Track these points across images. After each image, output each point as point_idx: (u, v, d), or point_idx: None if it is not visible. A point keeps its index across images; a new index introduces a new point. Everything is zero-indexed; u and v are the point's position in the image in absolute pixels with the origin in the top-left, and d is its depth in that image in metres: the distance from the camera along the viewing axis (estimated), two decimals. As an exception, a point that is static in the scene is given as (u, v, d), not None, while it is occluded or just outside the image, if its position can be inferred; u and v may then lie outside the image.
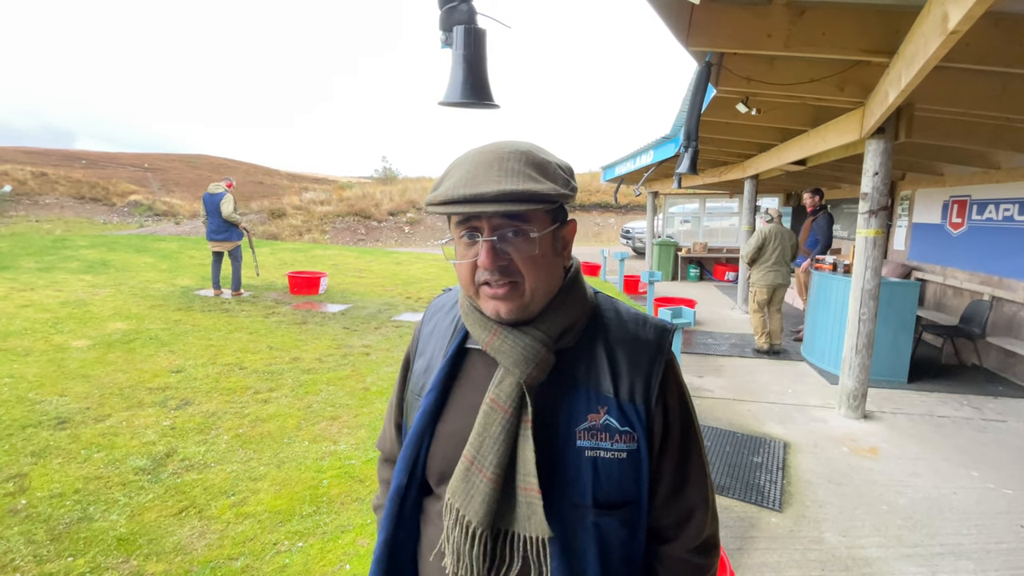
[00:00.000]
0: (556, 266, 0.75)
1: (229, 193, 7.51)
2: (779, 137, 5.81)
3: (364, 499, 2.77)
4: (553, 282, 0.75)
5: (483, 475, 0.70)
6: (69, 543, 2.35)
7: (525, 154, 0.70)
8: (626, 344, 0.77)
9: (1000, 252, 5.35)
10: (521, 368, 0.71)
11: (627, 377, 0.74)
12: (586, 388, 0.74)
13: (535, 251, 0.71)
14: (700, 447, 0.81)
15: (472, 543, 0.71)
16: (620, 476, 0.72)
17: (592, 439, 0.71)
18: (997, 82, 3.26)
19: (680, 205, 12.62)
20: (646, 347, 0.77)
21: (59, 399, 3.89)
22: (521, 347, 0.71)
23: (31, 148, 33.78)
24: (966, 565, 2.39)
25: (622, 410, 0.73)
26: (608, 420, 0.72)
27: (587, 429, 0.72)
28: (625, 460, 0.72)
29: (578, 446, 0.71)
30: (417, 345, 0.89)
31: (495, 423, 0.71)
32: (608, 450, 0.71)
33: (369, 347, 5.54)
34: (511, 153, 0.69)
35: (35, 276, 8.31)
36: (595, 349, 0.76)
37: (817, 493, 2.94)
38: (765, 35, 2.95)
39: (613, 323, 0.79)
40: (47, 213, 22.49)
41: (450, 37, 1.41)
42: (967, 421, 4.01)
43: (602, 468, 0.71)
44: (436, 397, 0.79)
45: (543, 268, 0.72)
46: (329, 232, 20.17)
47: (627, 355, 0.76)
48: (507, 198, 0.65)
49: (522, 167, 0.68)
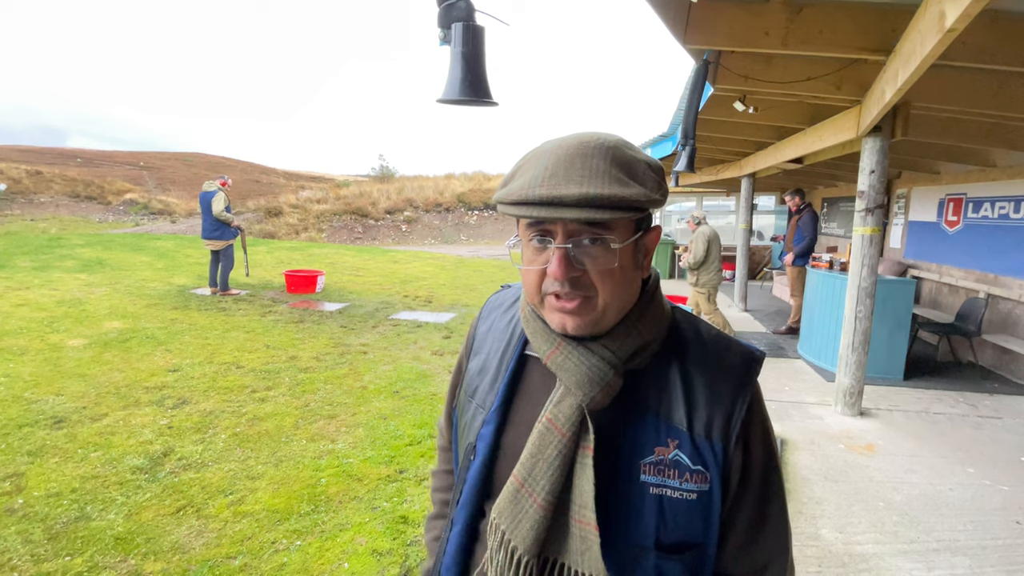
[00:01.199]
0: (635, 280, 0.67)
1: (221, 191, 7.46)
2: (776, 135, 5.82)
3: (362, 498, 2.77)
4: (629, 297, 0.66)
5: (534, 500, 0.64)
6: (67, 542, 2.34)
7: (612, 150, 0.61)
8: (707, 371, 0.67)
9: (995, 250, 5.37)
10: (584, 390, 0.64)
11: (705, 409, 0.66)
12: (655, 417, 0.66)
13: (614, 263, 0.62)
14: (781, 493, 0.71)
15: (516, 570, 0.65)
16: (688, 518, 0.64)
17: (659, 475, 0.64)
18: (993, 80, 3.27)
19: (678, 203, 12.64)
20: (729, 376, 0.68)
21: (55, 398, 3.88)
22: (587, 367, 0.64)
23: (26, 147, 33.60)
24: (962, 561, 2.40)
25: (696, 446, 0.65)
26: (679, 456, 0.64)
27: (654, 463, 0.64)
28: (695, 501, 0.64)
29: (642, 481, 0.64)
30: (472, 343, 0.83)
31: (550, 446, 0.64)
32: (676, 489, 0.64)
33: (367, 346, 5.53)
34: (596, 148, 0.61)
35: (30, 275, 8.27)
36: (670, 374, 0.67)
37: (814, 490, 2.95)
38: (763, 33, 2.95)
39: (692, 345, 0.69)
40: (42, 212, 22.36)
41: (448, 34, 1.41)
42: (963, 418, 4.03)
43: (668, 508, 0.64)
44: (503, 412, 0.73)
45: (621, 282, 0.64)
46: (326, 230, 20.12)
47: (706, 384, 0.67)
48: (591, 203, 0.57)
49: (608, 166, 0.60)
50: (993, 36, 2.65)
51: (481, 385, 0.77)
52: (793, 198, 6.48)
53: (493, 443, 0.73)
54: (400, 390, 4.30)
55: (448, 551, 0.76)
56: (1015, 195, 5.13)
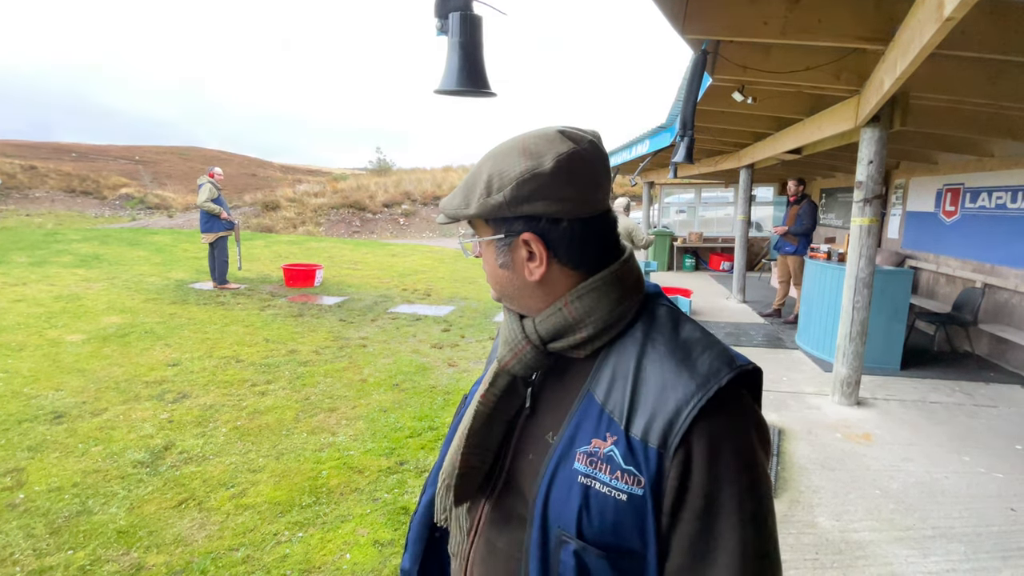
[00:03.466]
0: (508, 277, 0.71)
1: (208, 183, 7.40)
2: (775, 126, 5.80)
3: (363, 489, 2.78)
4: (509, 287, 0.73)
5: (459, 432, 0.74)
6: (69, 536, 2.35)
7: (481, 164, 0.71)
8: (663, 370, 0.64)
9: (993, 240, 5.38)
10: (502, 349, 0.73)
11: (647, 410, 0.62)
12: (600, 409, 0.66)
13: (486, 257, 0.74)
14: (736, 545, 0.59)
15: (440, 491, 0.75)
16: (616, 517, 0.62)
17: (590, 466, 0.64)
18: (992, 70, 3.26)
19: (676, 195, 12.62)
20: (686, 379, 0.62)
21: (55, 393, 3.88)
22: (508, 331, 0.73)
23: (20, 141, 33.36)
24: (957, 548, 2.43)
25: (630, 446, 0.62)
26: (613, 452, 0.63)
27: (587, 453, 0.65)
28: (625, 503, 0.62)
29: (574, 468, 0.65)
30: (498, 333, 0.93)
31: (478, 394, 0.74)
32: (605, 484, 0.63)
33: (366, 339, 5.54)
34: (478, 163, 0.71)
35: (27, 271, 8.24)
36: (623, 367, 0.66)
37: (811, 478, 2.98)
38: (761, 23, 2.94)
39: (659, 342, 0.67)
40: (38, 207, 22.25)
41: (445, 24, 1.40)
42: (959, 407, 4.06)
43: (593, 501, 0.63)
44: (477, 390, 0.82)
45: (492, 274, 0.74)
46: (324, 224, 20.06)
47: (658, 383, 0.63)
48: (440, 209, 0.73)
49: (466, 179, 0.71)
50: (991, 25, 2.64)
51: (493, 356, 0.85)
52: (798, 186, 6.51)
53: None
54: (400, 383, 4.31)
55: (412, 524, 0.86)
56: (1012, 185, 5.13)
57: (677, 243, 11.58)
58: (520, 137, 0.69)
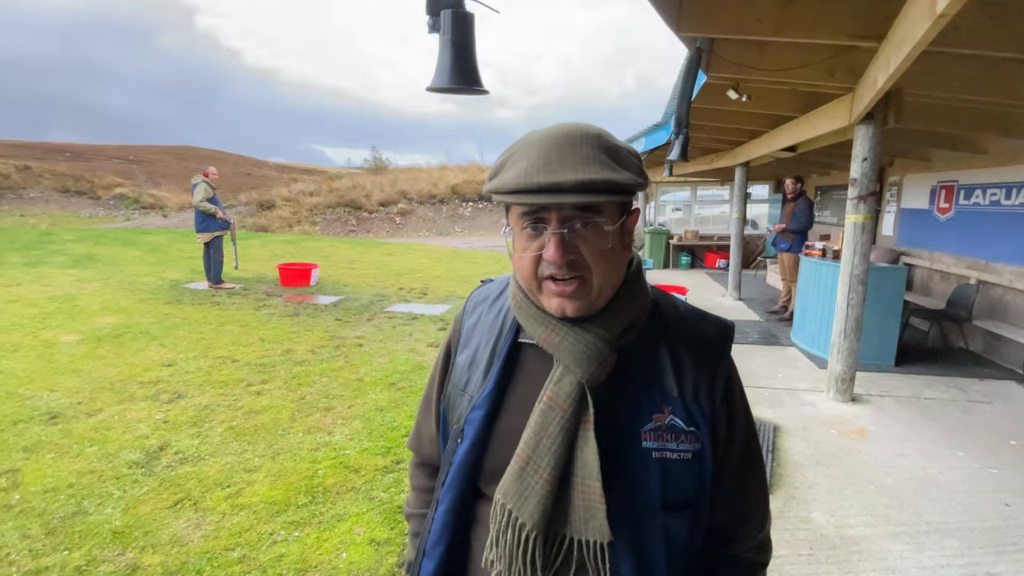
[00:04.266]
0: (623, 259, 0.71)
1: (203, 182, 7.38)
2: (770, 124, 5.81)
3: (359, 489, 2.78)
4: (619, 277, 0.71)
5: (539, 476, 0.67)
6: (64, 537, 2.35)
7: (597, 138, 0.65)
8: (689, 341, 0.74)
9: (987, 236, 5.41)
10: (583, 367, 0.67)
11: (691, 376, 0.72)
12: (649, 387, 0.71)
13: (607, 245, 0.66)
14: (759, 447, 0.81)
15: (525, 547, 0.67)
16: (686, 476, 0.70)
17: (658, 440, 0.69)
18: (985, 66, 3.27)
19: (671, 193, 12.64)
20: (710, 345, 0.75)
21: (50, 394, 3.86)
22: (583, 345, 0.67)
23: (14, 141, 33.16)
24: (951, 543, 2.44)
25: (687, 410, 0.71)
26: (674, 420, 0.70)
27: (653, 430, 0.69)
28: (691, 461, 0.70)
29: (644, 447, 0.69)
30: (460, 338, 0.84)
31: (553, 422, 0.67)
32: (675, 451, 0.70)
33: (362, 338, 5.53)
34: (583, 138, 0.64)
35: (21, 271, 8.20)
36: (657, 347, 0.73)
37: (806, 475, 2.99)
38: (755, 20, 2.94)
39: (674, 319, 0.76)
40: (32, 207, 22.13)
41: (437, 22, 1.39)
42: (953, 403, 4.08)
43: (670, 469, 0.69)
44: (496, 398, 0.75)
45: (612, 262, 0.68)
46: (319, 223, 20.02)
47: (691, 353, 0.74)
48: (587, 188, 0.60)
49: (597, 153, 0.63)
50: (984, 21, 2.65)
51: (473, 377, 0.78)
52: (796, 184, 6.55)
53: (484, 428, 0.74)
54: (396, 382, 4.31)
55: (432, 529, 0.78)
56: (1006, 181, 5.16)
57: (673, 241, 11.59)
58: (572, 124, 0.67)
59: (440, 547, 0.77)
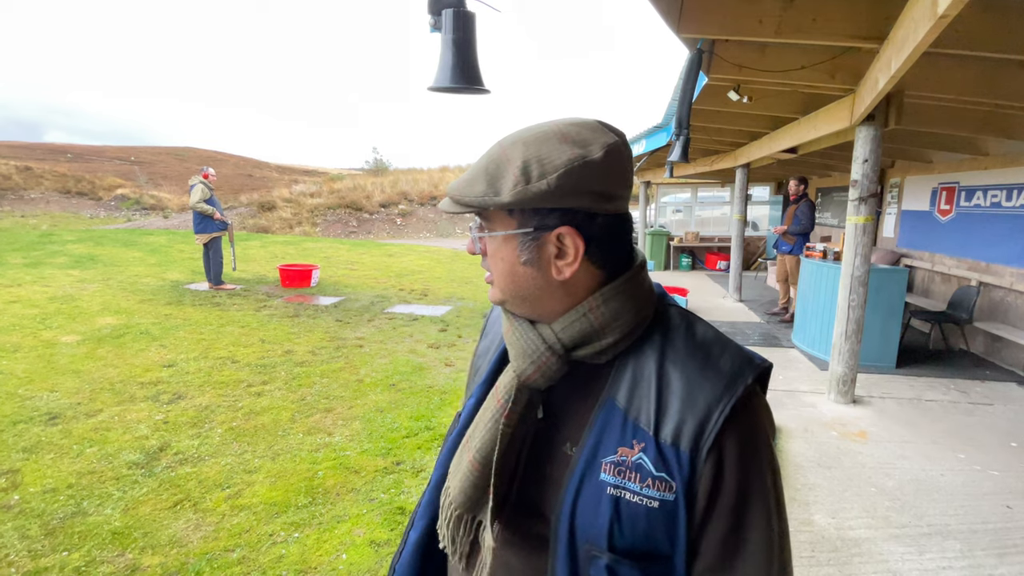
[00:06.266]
0: (530, 276, 0.65)
1: (201, 183, 7.39)
2: (770, 125, 5.81)
3: (360, 490, 2.78)
4: (525, 288, 0.66)
5: (468, 456, 0.70)
6: (64, 538, 2.34)
7: (510, 148, 0.63)
8: (687, 373, 0.63)
9: (987, 238, 5.40)
10: (519, 362, 0.67)
11: (676, 414, 0.61)
12: (623, 416, 0.63)
13: (494, 251, 0.67)
14: (770, 522, 0.62)
15: (450, 522, 0.71)
16: (648, 525, 0.61)
17: (619, 476, 0.62)
18: (986, 68, 3.27)
19: (672, 195, 12.64)
20: (712, 381, 0.62)
21: (50, 395, 3.86)
22: (524, 341, 0.67)
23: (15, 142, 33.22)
24: (953, 545, 2.43)
25: (661, 452, 0.61)
26: (642, 459, 0.61)
27: (615, 463, 0.62)
28: (656, 509, 0.61)
29: (600, 479, 0.62)
30: (485, 327, 0.90)
31: (488, 410, 0.69)
32: (635, 493, 0.61)
33: (362, 339, 5.53)
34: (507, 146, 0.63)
35: (22, 272, 8.20)
36: (644, 372, 0.64)
37: (807, 476, 2.98)
38: (756, 21, 2.94)
39: (678, 344, 0.65)
40: (32, 208, 22.15)
41: (439, 21, 1.39)
42: (954, 405, 4.07)
43: (624, 511, 0.61)
44: (475, 402, 0.76)
45: (504, 272, 0.66)
46: (320, 225, 20.02)
47: (683, 387, 0.62)
48: (453, 198, 0.65)
49: (486, 164, 0.63)
50: (986, 23, 2.65)
51: (483, 365, 0.82)
52: (799, 185, 6.53)
53: (470, 416, 0.77)
54: (396, 383, 4.31)
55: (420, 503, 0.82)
56: (1007, 183, 5.16)
57: (674, 243, 11.59)
58: (552, 123, 0.63)
59: (424, 520, 0.81)
